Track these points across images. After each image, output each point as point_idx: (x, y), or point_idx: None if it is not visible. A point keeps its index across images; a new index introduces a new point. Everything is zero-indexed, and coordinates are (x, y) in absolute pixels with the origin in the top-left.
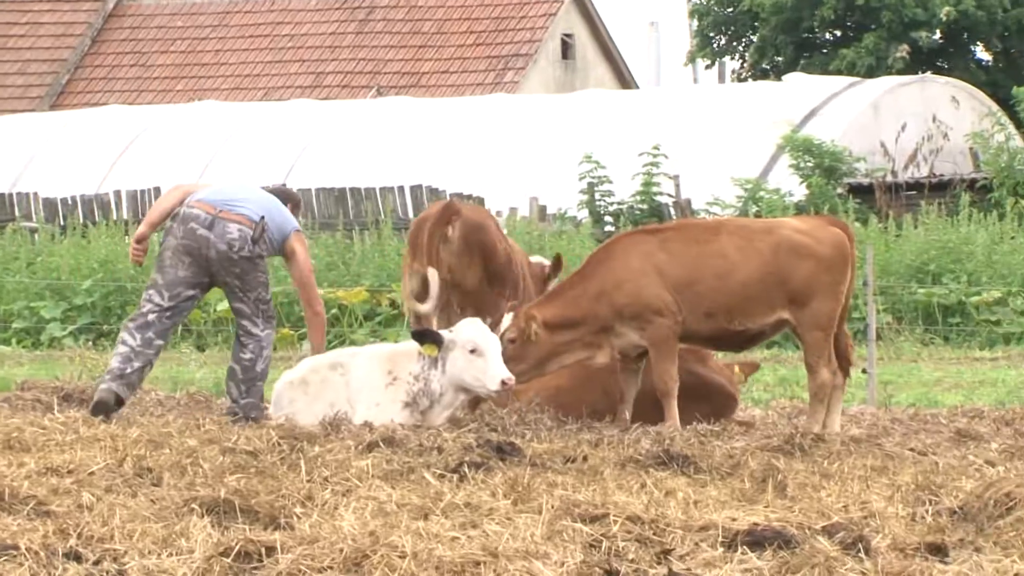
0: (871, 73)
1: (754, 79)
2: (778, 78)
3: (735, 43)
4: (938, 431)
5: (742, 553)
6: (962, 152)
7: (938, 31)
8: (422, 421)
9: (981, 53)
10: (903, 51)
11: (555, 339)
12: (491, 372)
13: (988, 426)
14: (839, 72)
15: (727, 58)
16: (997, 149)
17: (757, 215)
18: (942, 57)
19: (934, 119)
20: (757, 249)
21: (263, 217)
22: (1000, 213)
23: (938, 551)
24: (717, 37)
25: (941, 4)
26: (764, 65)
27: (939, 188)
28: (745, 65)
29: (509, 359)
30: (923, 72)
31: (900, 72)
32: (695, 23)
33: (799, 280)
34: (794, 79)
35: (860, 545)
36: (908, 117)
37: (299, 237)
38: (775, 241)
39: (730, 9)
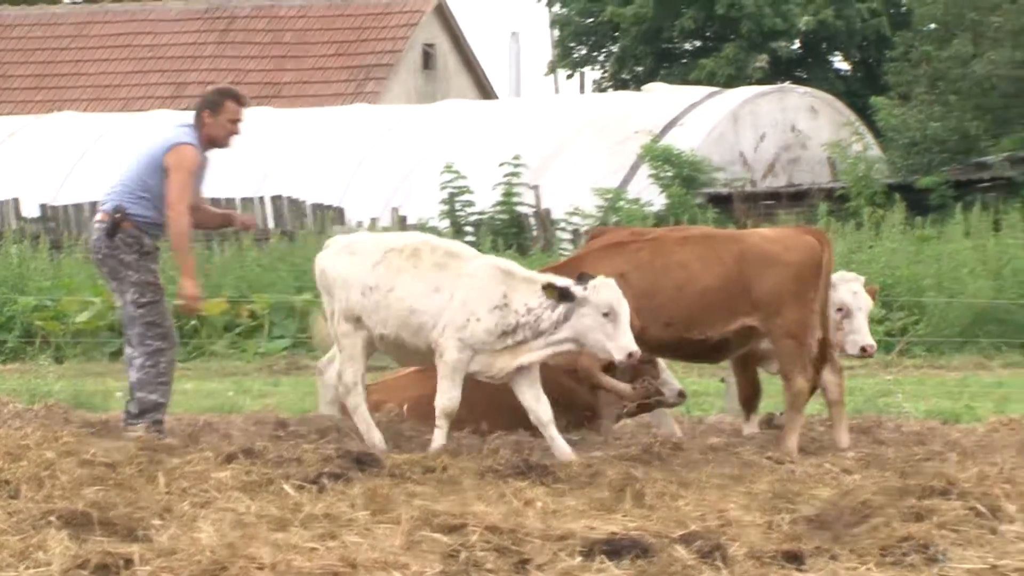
0: (731, 83)
1: (615, 89)
2: (638, 88)
3: (596, 53)
4: (802, 440)
5: (600, 562)
6: (820, 161)
7: (797, 41)
8: (494, 358)
9: (840, 63)
10: (762, 61)
11: None
12: (621, 342)
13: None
14: (699, 82)
15: (588, 68)
16: (855, 159)
17: (617, 224)
18: (801, 67)
19: (793, 129)
20: (719, 258)
21: (117, 206)
22: (858, 222)
23: (794, 559)
24: (578, 47)
25: (800, 14)
26: (624, 75)
27: (797, 197)
28: (606, 75)
29: None
30: (782, 82)
31: (759, 82)
32: (556, 33)
33: (765, 288)
34: (654, 89)
35: (717, 553)
36: (767, 127)
37: (176, 152)
38: (739, 250)
39: (591, 19)
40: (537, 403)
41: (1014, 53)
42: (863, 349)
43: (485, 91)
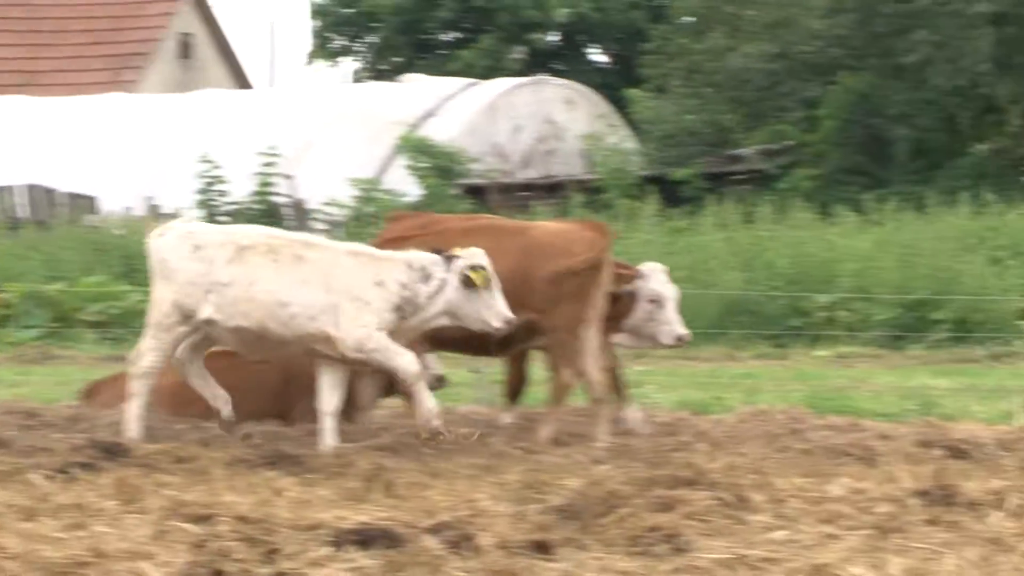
0: (488, 75)
1: (373, 79)
2: (396, 79)
3: (354, 44)
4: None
5: (350, 552)
6: (576, 153)
7: (554, 33)
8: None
9: (597, 55)
10: (520, 53)
11: None
12: (496, 309)
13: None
14: (456, 73)
15: (347, 59)
16: (610, 151)
17: (373, 216)
18: (558, 59)
19: (549, 121)
20: (504, 250)
21: None
22: (612, 214)
23: (543, 549)
24: (337, 38)
25: (557, 6)
26: (383, 66)
27: (553, 189)
28: (365, 66)
29: None
30: (539, 74)
31: (517, 74)
32: (315, 23)
33: (546, 281)
34: (412, 80)
35: (466, 543)
36: (524, 119)
37: None
38: (523, 243)
39: (350, 10)
40: (330, 391)
41: (768, 47)
42: (678, 338)
43: (242, 81)
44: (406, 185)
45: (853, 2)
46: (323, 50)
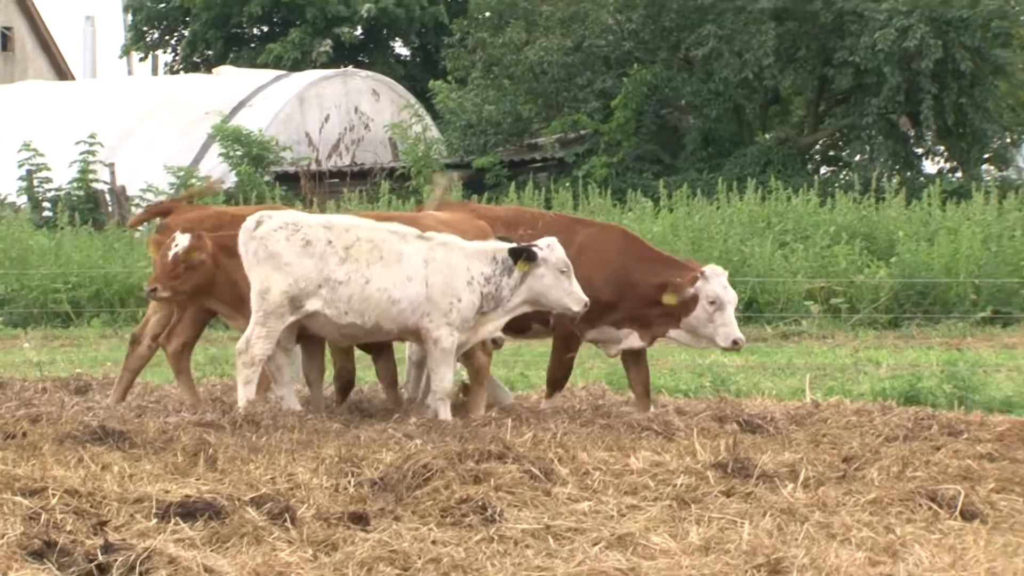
0: (297, 67)
1: (186, 71)
2: (209, 71)
3: (168, 37)
4: (368, 407)
5: (175, 523)
6: (383, 142)
7: (360, 27)
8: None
9: (400, 49)
10: (327, 46)
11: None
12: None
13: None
14: (267, 66)
15: (161, 51)
16: (415, 139)
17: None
18: (364, 52)
19: (356, 111)
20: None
21: None
22: (418, 200)
23: (360, 520)
24: (151, 31)
25: (362, 2)
26: (196, 58)
27: (361, 176)
28: (177, 58)
29: (176, 277)
30: (346, 66)
31: (324, 66)
32: (129, 17)
33: None
34: (224, 72)
35: (287, 515)
36: (331, 109)
37: None
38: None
39: (163, 4)
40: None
41: (564, 40)
42: (735, 342)
43: (62, 73)
44: (221, 172)
45: None
46: (138, 43)
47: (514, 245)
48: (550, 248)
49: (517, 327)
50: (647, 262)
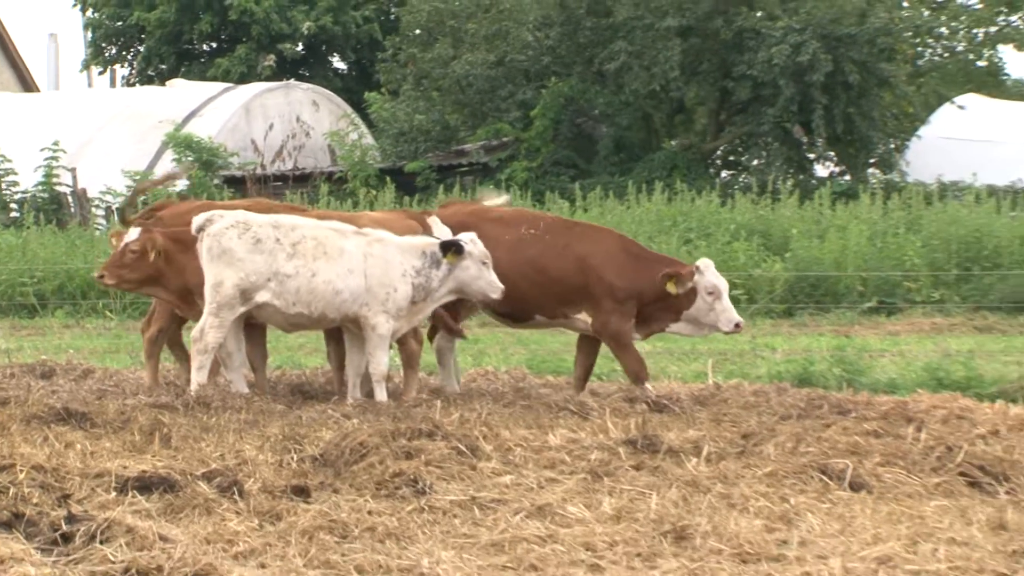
0: (243, 80)
1: (142, 84)
2: (163, 84)
3: (125, 52)
4: (309, 389)
5: (132, 496)
6: (322, 149)
7: (301, 44)
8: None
9: (338, 63)
10: (270, 60)
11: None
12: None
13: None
14: (215, 78)
15: (118, 66)
16: (351, 146)
17: (145, 203)
18: (304, 66)
19: (298, 120)
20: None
21: None
22: (355, 201)
23: (302, 492)
24: (109, 47)
25: (303, 20)
26: (151, 72)
27: (302, 179)
28: (134, 72)
29: (124, 266)
30: (288, 79)
31: (268, 79)
32: (90, 34)
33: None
34: (176, 85)
35: (235, 488)
36: (275, 118)
37: None
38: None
39: (120, 22)
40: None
41: (488, 56)
42: (737, 325)
43: (28, 85)
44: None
45: (560, 16)
46: (97, 58)
47: (444, 240)
48: (473, 242)
49: (519, 317)
50: (644, 261)
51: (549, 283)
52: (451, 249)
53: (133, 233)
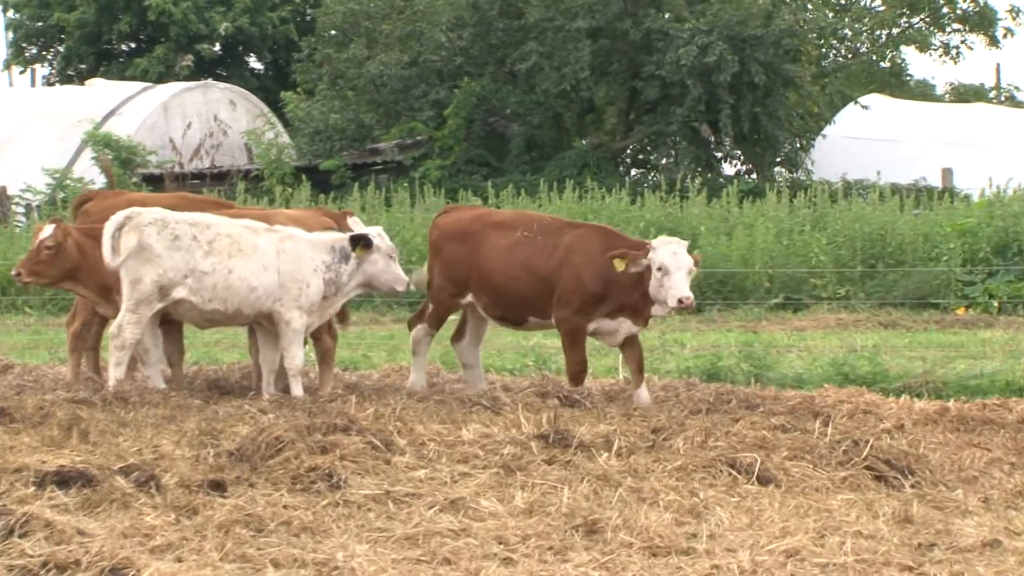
0: (161, 79)
1: (62, 83)
2: (82, 83)
3: (45, 52)
4: (226, 385)
5: (51, 491)
6: (239, 147)
7: (218, 44)
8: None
9: (255, 63)
10: (188, 60)
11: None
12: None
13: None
14: (134, 78)
15: (38, 65)
16: (268, 145)
17: (64, 200)
18: (222, 66)
19: (215, 119)
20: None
21: None
22: (271, 199)
23: (218, 487)
24: (29, 47)
25: (220, 21)
26: (70, 72)
27: (220, 177)
28: (54, 71)
29: (40, 263)
30: (206, 79)
31: (186, 79)
32: (11, 35)
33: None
34: (96, 84)
35: (152, 483)
36: (193, 117)
37: None
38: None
39: (40, 23)
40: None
41: (401, 56)
42: (679, 300)
43: None
44: (93, 174)
45: (472, 18)
46: (18, 58)
47: (353, 234)
48: (380, 236)
49: (515, 319)
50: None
51: (539, 284)
52: (360, 243)
53: (48, 229)
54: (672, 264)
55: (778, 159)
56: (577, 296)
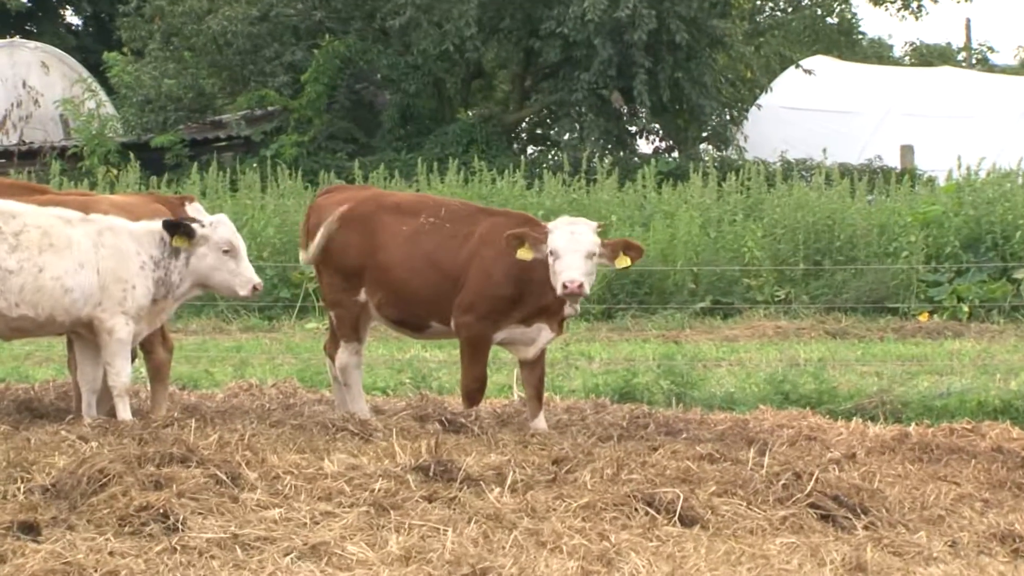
0: None
1: None
2: None
3: None
4: (39, 407)
5: None
6: (53, 119)
7: None
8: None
9: (72, 17)
10: None
11: None
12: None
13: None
14: None
15: None
16: (88, 116)
17: None
18: (32, 21)
19: (24, 85)
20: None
21: None
22: (92, 182)
23: (31, 530)
24: None
25: None
26: None
27: (30, 156)
28: None
29: None
30: (12, 36)
31: None
32: None
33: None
34: None
35: None
36: None
37: None
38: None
39: None
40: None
41: (249, 9)
42: (564, 285)
43: None
44: None
45: None
46: None
47: (167, 219)
48: (212, 226)
49: (415, 325)
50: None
51: (444, 282)
52: (179, 231)
53: None
54: (565, 246)
55: (704, 134)
56: (485, 298)
